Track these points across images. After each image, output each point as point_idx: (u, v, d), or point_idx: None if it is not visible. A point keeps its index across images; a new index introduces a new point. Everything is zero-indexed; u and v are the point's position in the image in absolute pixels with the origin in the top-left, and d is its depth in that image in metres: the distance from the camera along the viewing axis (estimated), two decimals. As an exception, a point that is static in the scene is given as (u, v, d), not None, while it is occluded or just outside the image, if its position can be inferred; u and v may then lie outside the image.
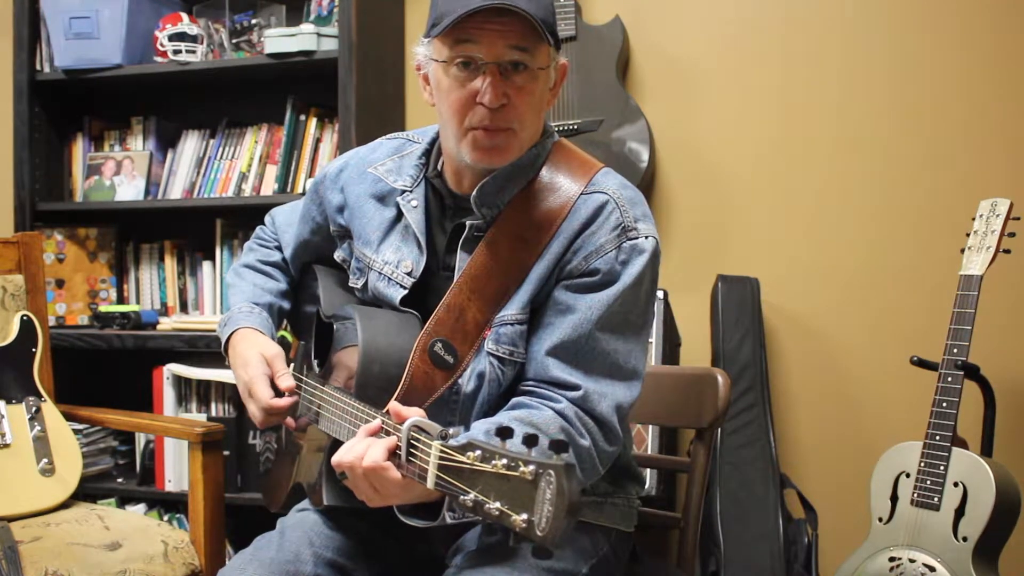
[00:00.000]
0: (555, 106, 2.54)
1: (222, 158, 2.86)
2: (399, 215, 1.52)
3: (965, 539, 1.97)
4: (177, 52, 2.76)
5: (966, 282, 2.10)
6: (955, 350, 2.08)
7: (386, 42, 2.82)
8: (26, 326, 2.21)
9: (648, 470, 2.30)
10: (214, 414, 2.70)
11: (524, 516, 0.96)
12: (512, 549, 1.33)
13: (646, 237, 1.41)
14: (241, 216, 2.87)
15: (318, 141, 2.77)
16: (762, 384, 2.51)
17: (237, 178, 2.82)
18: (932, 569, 2.00)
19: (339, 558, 1.47)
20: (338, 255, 1.63)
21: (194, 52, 2.78)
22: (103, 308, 2.87)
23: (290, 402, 1.51)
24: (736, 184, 2.68)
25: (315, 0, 2.78)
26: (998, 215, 2.12)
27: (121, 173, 2.93)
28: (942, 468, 2.03)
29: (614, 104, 2.56)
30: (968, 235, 2.15)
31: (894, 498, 2.10)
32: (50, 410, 2.16)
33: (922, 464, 2.06)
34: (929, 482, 2.04)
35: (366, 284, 1.54)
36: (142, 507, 2.77)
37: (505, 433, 1.02)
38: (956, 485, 2.01)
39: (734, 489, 2.41)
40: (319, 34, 2.63)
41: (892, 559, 2.05)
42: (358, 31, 2.61)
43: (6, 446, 2.05)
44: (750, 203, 2.67)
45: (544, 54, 1.38)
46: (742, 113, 2.67)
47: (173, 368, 2.71)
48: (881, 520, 2.11)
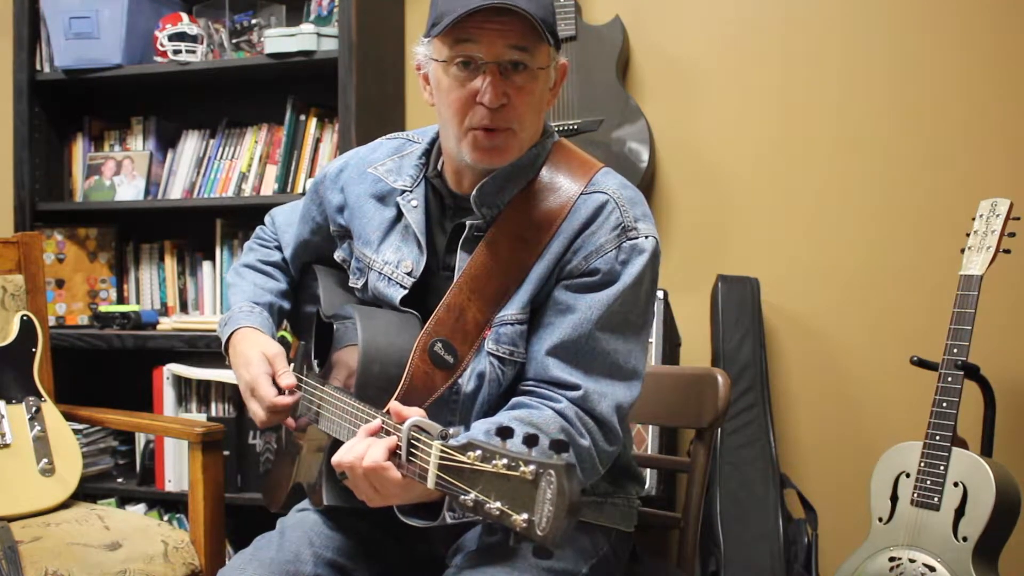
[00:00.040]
0: (555, 106, 2.54)
1: (222, 158, 2.86)
2: (399, 215, 1.52)
3: (965, 539, 1.97)
4: (177, 52, 2.76)
5: (966, 282, 2.10)
6: (955, 350, 2.08)
7: (386, 42, 2.81)
8: (26, 326, 2.21)
9: (648, 470, 2.30)
10: (214, 414, 2.70)
11: (524, 516, 0.96)
12: (512, 549, 1.33)
13: (646, 237, 1.41)
14: (241, 216, 2.87)
15: (318, 141, 2.77)
16: (762, 384, 2.51)
17: (237, 178, 2.82)
18: (932, 569, 2.00)
19: (339, 558, 1.47)
20: (338, 255, 1.63)
21: (194, 52, 2.78)
22: (103, 308, 2.87)
23: (293, 400, 1.51)
24: (736, 184, 2.68)
25: (315, 0, 2.78)
26: (998, 215, 2.12)
27: (121, 173, 2.93)
28: (942, 468, 2.03)
29: (614, 104, 2.56)
30: (968, 235, 2.15)
31: (894, 498, 2.10)
32: (50, 410, 2.16)
33: (922, 464, 2.06)
34: (929, 482, 2.04)
35: (366, 284, 1.54)
36: (142, 507, 2.77)
37: (505, 433, 1.02)
38: (956, 485, 2.01)
39: (734, 489, 2.41)
40: (319, 34, 2.63)
41: (892, 559, 2.05)
42: (358, 31, 2.61)
43: (6, 446, 2.05)
44: (750, 203, 2.67)
45: (544, 54, 1.38)
46: (742, 113, 2.67)
47: (173, 368, 2.71)
48: (881, 520, 2.11)
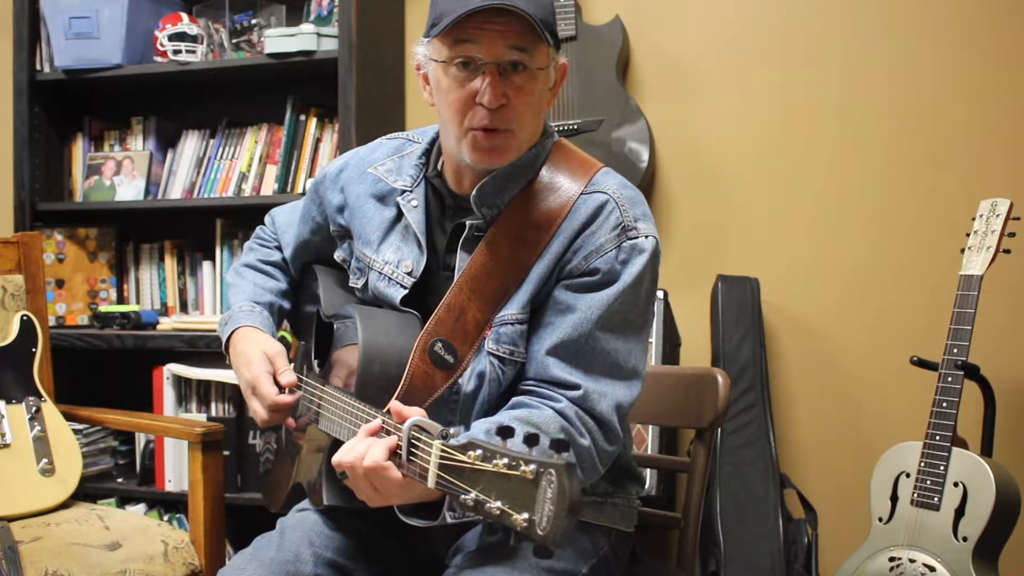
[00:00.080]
0: (555, 106, 2.54)
1: (222, 158, 2.86)
2: (399, 215, 1.52)
3: (965, 539, 1.97)
4: (177, 52, 2.76)
5: (966, 282, 2.10)
6: (955, 350, 2.08)
7: (386, 42, 2.81)
8: (26, 326, 2.21)
9: (648, 470, 2.29)
10: (214, 414, 2.69)
11: (525, 515, 0.96)
12: (512, 549, 1.32)
13: (646, 237, 1.41)
14: (241, 216, 2.87)
15: (318, 141, 2.77)
16: (762, 384, 2.50)
17: (237, 178, 2.82)
18: (932, 569, 1.99)
19: (339, 558, 1.47)
20: (338, 255, 1.63)
21: (194, 52, 2.78)
22: (103, 308, 2.87)
23: (294, 398, 1.51)
24: (736, 184, 2.68)
25: (315, 0, 2.78)
26: (998, 215, 2.12)
27: (121, 173, 2.93)
28: (942, 468, 2.03)
29: (614, 104, 2.56)
30: (968, 235, 2.15)
31: (894, 498, 2.10)
32: (50, 410, 2.16)
33: (922, 464, 2.06)
34: (929, 482, 2.04)
35: (366, 284, 1.54)
36: (142, 507, 2.77)
37: (506, 432, 1.02)
38: (956, 485, 2.01)
39: (734, 489, 2.41)
40: (319, 34, 2.63)
41: (892, 559, 2.05)
42: (358, 31, 2.61)
43: (6, 446, 2.05)
44: (750, 203, 2.67)
45: (543, 54, 1.38)
46: (742, 113, 2.67)
47: (173, 368, 2.71)
48: (881, 520, 2.11)
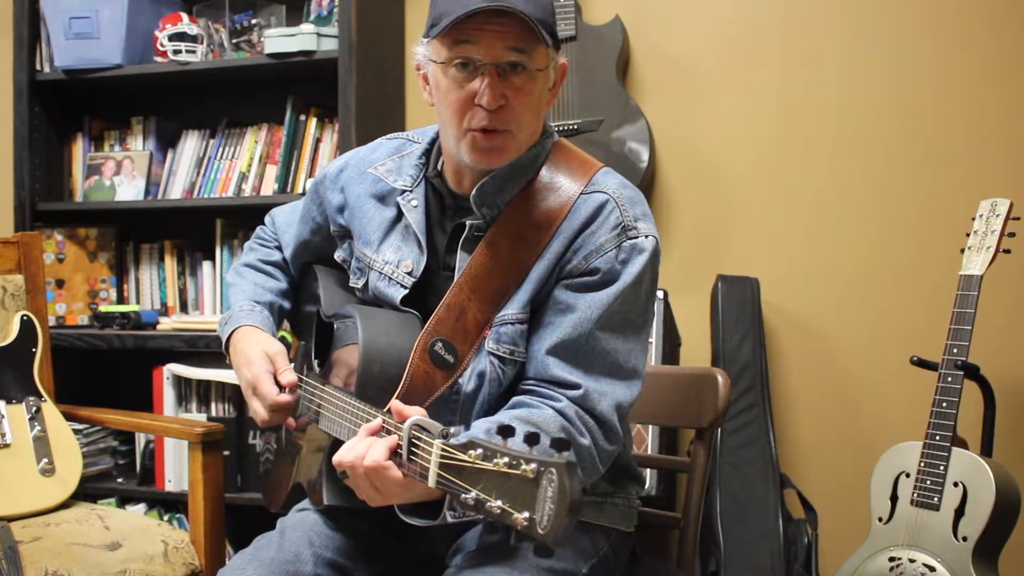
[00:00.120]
0: (555, 106, 2.54)
1: (222, 158, 2.86)
2: (399, 215, 1.52)
3: (965, 539, 1.97)
4: (177, 52, 2.76)
5: (966, 282, 2.10)
6: (955, 350, 2.08)
7: (386, 42, 2.81)
8: (26, 326, 2.21)
9: (648, 470, 2.29)
10: (214, 414, 2.69)
11: (526, 514, 0.95)
12: (512, 548, 1.33)
13: (646, 236, 1.41)
14: (241, 216, 2.87)
15: (318, 141, 2.77)
16: (762, 384, 2.50)
17: (237, 178, 2.82)
18: (932, 569, 1.99)
19: (339, 558, 1.47)
20: (338, 255, 1.63)
21: (194, 52, 2.78)
22: (103, 308, 2.87)
23: (295, 398, 1.51)
24: (736, 184, 2.68)
25: (315, 0, 2.78)
26: (998, 215, 2.12)
27: (121, 173, 2.93)
28: (942, 468, 2.03)
29: (614, 104, 2.56)
30: (968, 235, 2.15)
31: (894, 498, 2.10)
32: (50, 410, 2.16)
33: (922, 464, 2.06)
34: (929, 482, 2.04)
35: (366, 284, 1.54)
36: (142, 507, 2.77)
37: (506, 432, 1.02)
38: (956, 485, 2.01)
39: (734, 489, 2.41)
40: (319, 34, 2.63)
41: (892, 559, 2.05)
42: (358, 31, 2.61)
43: (6, 446, 2.05)
44: (750, 203, 2.67)
45: (543, 55, 1.38)
46: (742, 113, 2.67)
47: (173, 368, 2.71)
48: (881, 520, 2.11)
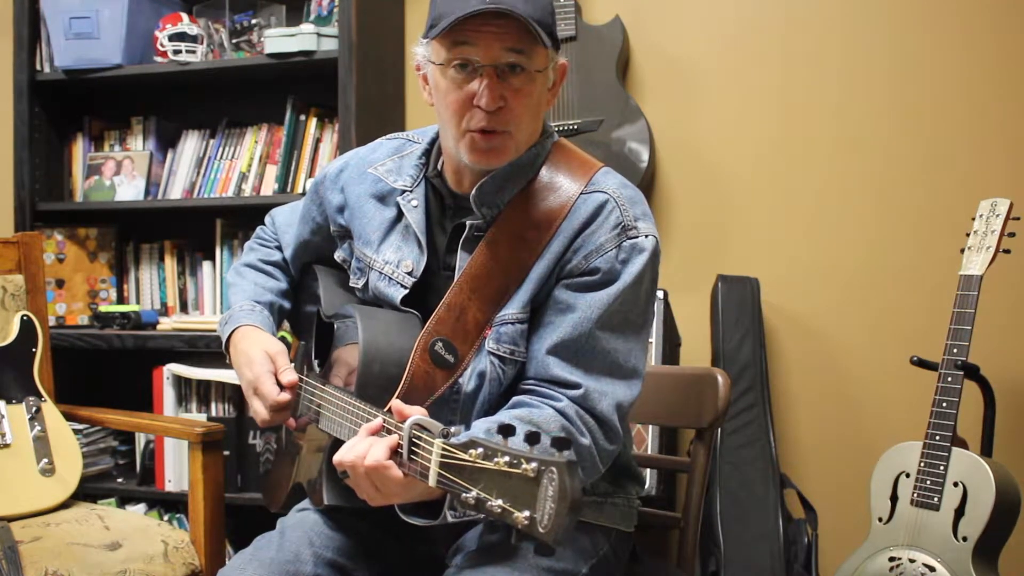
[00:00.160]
0: (555, 106, 2.54)
1: (222, 158, 2.86)
2: (399, 215, 1.52)
3: (965, 539, 1.97)
4: (177, 52, 2.76)
5: (966, 282, 2.10)
6: (955, 350, 2.08)
7: (386, 42, 2.81)
8: (26, 326, 2.21)
9: (648, 470, 2.29)
10: (214, 414, 2.69)
11: (526, 513, 0.95)
12: (512, 548, 1.33)
13: (646, 236, 1.41)
14: (241, 216, 2.87)
15: (318, 141, 2.77)
16: (762, 384, 2.50)
17: (237, 178, 2.82)
18: (932, 569, 1.99)
19: (339, 558, 1.47)
20: (338, 255, 1.63)
21: (194, 52, 2.78)
22: (103, 308, 2.87)
23: (296, 397, 1.51)
24: (736, 184, 2.68)
25: (315, 0, 2.78)
26: (998, 215, 2.12)
27: (121, 173, 2.93)
28: (942, 468, 2.03)
29: (614, 104, 2.56)
30: (968, 235, 2.15)
31: (894, 498, 2.10)
32: (50, 410, 2.16)
33: (922, 464, 2.06)
34: (929, 482, 2.04)
35: (367, 284, 1.54)
36: (142, 507, 2.77)
37: (507, 431, 1.02)
38: (956, 485, 2.01)
39: (734, 489, 2.41)
40: (319, 34, 2.63)
41: (892, 559, 2.05)
42: (358, 31, 2.61)
43: (6, 446, 2.05)
44: (750, 203, 2.67)
45: (541, 56, 1.38)
46: (742, 113, 2.67)
47: (173, 368, 2.71)
48: (881, 520, 2.11)
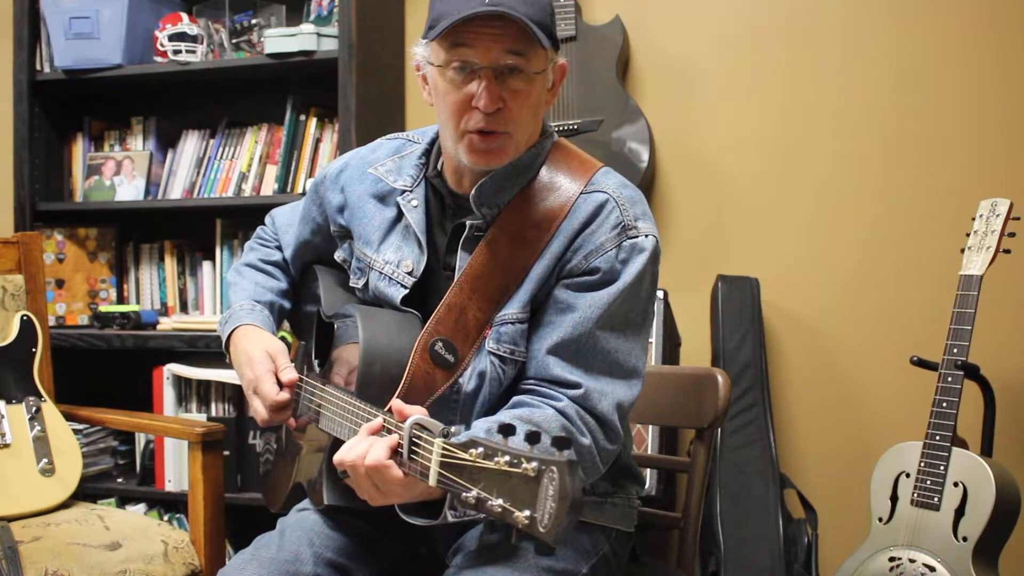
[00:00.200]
0: (555, 106, 2.54)
1: (222, 158, 2.86)
2: (399, 215, 1.52)
3: (965, 539, 1.97)
4: (177, 52, 2.76)
5: (966, 282, 2.10)
6: (955, 350, 2.08)
7: (386, 42, 2.82)
8: (26, 326, 2.21)
9: (648, 470, 2.29)
10: (214, 414, 2.69)
11: (527, 512, 0.95)
12: (512, 548, 1.33)
13: (646, 236, 1.41)
14: (241, 216, 2.87)
15: (318, 141, 2.77)
16: (762, 384, 2.50)
17: (237, 178, 2.82)
18: (932, 569, 1.99)
19: (339, 558, 1.47)
20: (338, 255, 1.63)
21: (194, 52, 2.78)
22: (103, 308, 2.87)
23: (296, 396, 1.51)
24: (736, 184, 2.68)
25: (315, 0, 2.78)
26: (998, 215, 2.12)
27: (121, 173, 2.93)
28: (942, 468, 2.03)
29: (614, 104, 2.56)
30: (968, 235, 2.15)
31: (894, 498, 2.10)
32: (50, 410, 2.16)
33: (922, 464, 2.06)
34: (929, 482, 2.04)
35: (367, 284, 1.54)
36: (142, 507, 2.77)
37: (507, 430, 1.02)
38: (956, 485, 2.01)
39: (734, 489, 2.41)
40: (319, 34, 2.63)
41: (892, 559, 2.05)
42: (358, 31, 2.61)
43: (6, 446, 2.05)
44: (750, 203, 2.67)
45: (540, 58, 1.38)
46: (742, 113, 2.67)
47: (173, 368, 2.71)
48: (881, 520, 2.11)
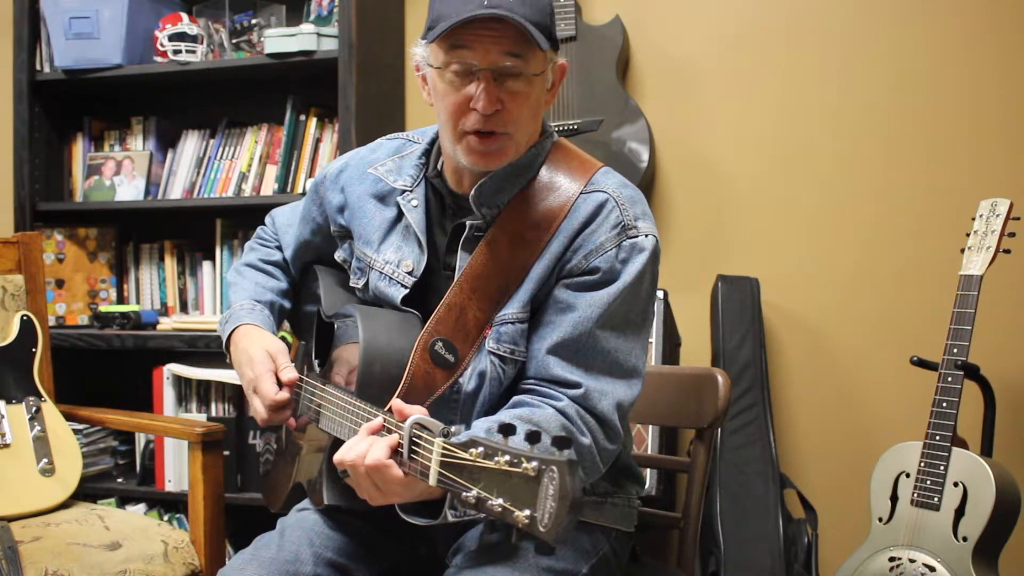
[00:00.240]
0: (555, 106, 2.54)
1: (222, 158, 2.86)
2: (400, 215, 1.52)
3: (965, 539, 1.97)
4: (177, 52, 2.76)
5: (966, 282, 2.10)
6: (955, 350, 2.08)
7: (386, 42, 2.82)
8: (26, 326, 2.21)
9: (648, 470, 2.29)
10: (214, 414, 2.69)
11: (527, 512, 0.95)
12: (512, 548, 1.33)
13: (646, 235, 1.41)
14: (241, 216, 2.87)
15: (318, 141, 2.77)
16: (762, 384, 2.50)
17: (237, 178, 2.82)
18: (932, 569, 1.99)
19: (339, 558, 1.47)
20: (339, 255, 1.63)
21: (194, 52, 2.78)
22: (103, 308, 2.87)
23: (296, 395, 1.51)
24: (736, 184, 2.68)
25: (315, 0, 2.78)
26: (998, 215, 2.12)
27: (121, 173, 2.93)
28: (942, 468, 2.03)
29: (614, 104, 2.56)
30: (968, 235, 2.15)
31: (894, 498, 2.10)
32: (50, 410, 2.16)
33: (922, 464, 2.06)
34: (929, 482, 2.04)
35: (367, 284, 1.54)
36: (142, 507, 2.77)
37: (507, 430, 1.02)
38: (956, 485, 2.01)
39: (734, 489, 2.41)
40: (319, 34, 2.63)
41: (892, 559, 2.05)
42: (358, 31, 2.61)
43: (6, 446, 2.05)
44: (750, 203, 2.67)
45: (539, 59, 1.38)
46: (742, 113, 2.67)
47: (173, 368, 2.71)
48: (881, 520, 2.11)
